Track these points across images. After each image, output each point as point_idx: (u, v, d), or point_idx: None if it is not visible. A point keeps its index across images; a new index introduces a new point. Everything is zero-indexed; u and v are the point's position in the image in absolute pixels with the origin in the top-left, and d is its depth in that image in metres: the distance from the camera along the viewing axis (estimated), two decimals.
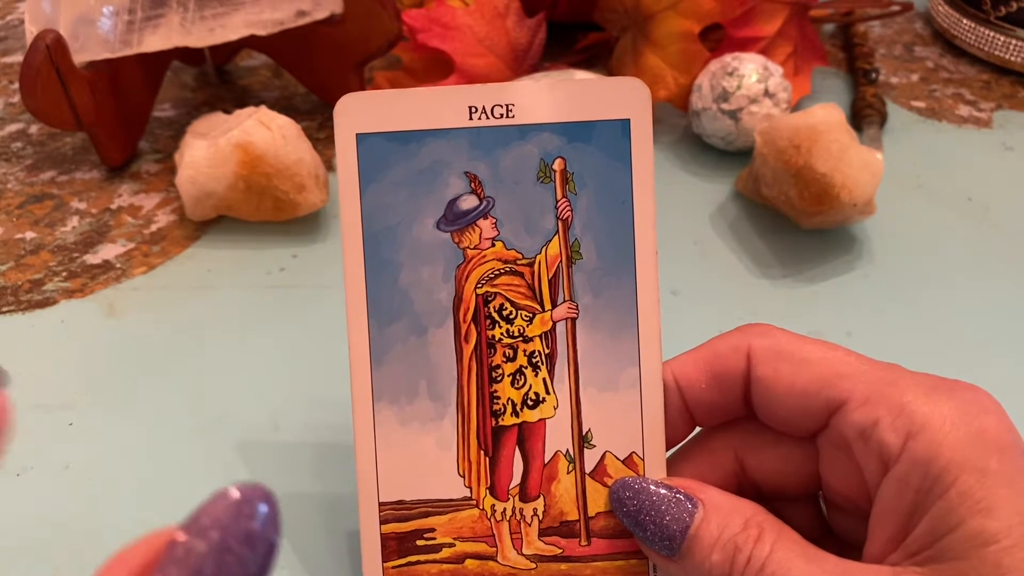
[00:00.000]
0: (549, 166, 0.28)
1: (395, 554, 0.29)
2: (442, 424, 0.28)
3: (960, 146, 0.50)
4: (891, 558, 0.24)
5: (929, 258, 0.44)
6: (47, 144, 0.51)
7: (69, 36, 0.44)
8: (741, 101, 0.46)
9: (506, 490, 0.29)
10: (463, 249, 0.28)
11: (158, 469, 0.35)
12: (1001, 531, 0.22)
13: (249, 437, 0.36)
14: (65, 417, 0.37)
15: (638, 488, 0.27)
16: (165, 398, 0.38)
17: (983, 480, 0.23)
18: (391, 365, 0.28)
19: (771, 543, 0.25)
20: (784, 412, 0.27)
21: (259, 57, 0.57)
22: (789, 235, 0.44)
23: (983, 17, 0.55)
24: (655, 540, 0.26)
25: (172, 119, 0.53)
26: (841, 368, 0.26)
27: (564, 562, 0.29)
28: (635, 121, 0.28)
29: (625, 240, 0.28)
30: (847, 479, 0.26)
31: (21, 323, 0.41)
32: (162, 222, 0.46)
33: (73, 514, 0.34)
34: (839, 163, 0.40)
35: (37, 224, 0.46)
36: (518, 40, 0.51)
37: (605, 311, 0.28)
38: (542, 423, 0.28)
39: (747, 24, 0.50)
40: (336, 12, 0.47)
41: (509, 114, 0.28)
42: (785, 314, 0.41)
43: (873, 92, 0.51)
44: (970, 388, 0.25)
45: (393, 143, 0.28)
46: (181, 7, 0.45)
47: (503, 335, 0.28)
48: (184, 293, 0.43)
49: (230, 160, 0.43)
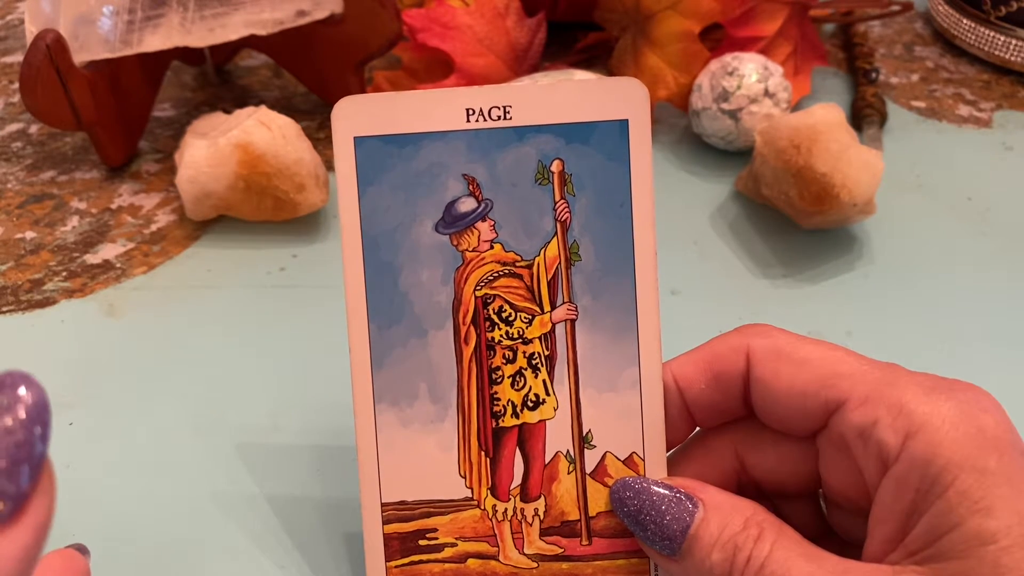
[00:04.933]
0: (547, 168, 0.28)
1: (398, 554, 0.29)
2: (443, 426, 0.28)
3: (960, 146, 0.50)
4: (891, 557, 0.24)
5: (929, 258, 0.44)
6: (47, 144, 0.51)
7: (69, 36, 0.44)
8: (741, 101, 0.46)
9: (507, 490, 0.29)
10: (462, 251, 0.28)
11: (158, 469, 0.35)
12: (1000, 531, 0.22)
13: (249, 437, 0.36)
14: (65, 417, 0.37)
15: (639, 488, 0.27)
16: (165, 398, 0.38)
17: (982, 480, 0.23)
18: (392, 368, 0.28)
19: (771, 542, 0.25)
20: (783, 412, 0.27)
21: (259, 57, 0.57)
22: (789, 235, 0.44)
23: (983, 17, 0.55)
24: (656, 540, 0.26)
25: (172, 119, 0.53)
26: (840, 368, 0.26)
27: (565, 561, 0.29)
28: (633, 121, 0.28)
29: (624, 241, 0.28)
30: (847, 478, 0.26)
31: (21, 323, 0.41)
32: (162, 222, 0.46)
33: (73, 514, 0.34)
34: (839, 163, 0.40)
35: (37, 224, 0.46)
36: (518, 40, 0.51)
37: (604, 312, 0.28)
38: (542, 424, 0.29)
39: (747, 24, 0.50)
40: (336, 12, 0.47)
41: (506, 116, 0.28)
42: (785, 314, 0.41)
43: (873, 92, 0.51)
44: (969, 388, 0.25)
45: (391, 146, 0.28)
46: (181, 7, 0.45)
47: (503, 337, 0.28)
48: (184, 293, 0.43)
49: (230, 160, 0.43)
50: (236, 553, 0.33)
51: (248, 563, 0.32)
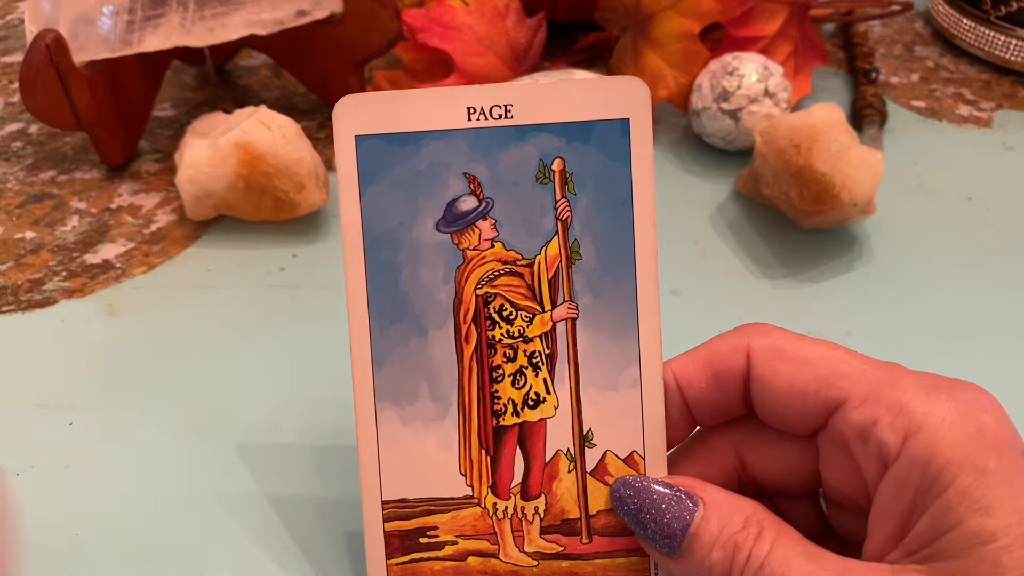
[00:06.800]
0: (548, 167, 0.28)
1: (399, 551, 0.29)
2: (443, 424, 0.28)
3: (960, 146, 0.50)
4: (890, 556, 0.24)
5: (929, 258, 0.44)
6: (47, 144, 0.52)
7: (69, 36, 0.44)
8: (741, 101, 0.46)
9: (507, 489, 0.29)
10: (463, 250, 0.28)
11: (158, 469, 0.35)
12: (999, 530, 0.22)
13: (249, 437, 0.36)
14: (65, 417, 0.37)
15: (639, 486, 0.27)
16: (165, 398, 0.38)
17: (982, 479, 0.23)
18: (392, 366, 0.28)
19: (771, 541, 0.25)
20: (783, 411, 0.27)
21: (259, 57, 0.57)
22: (789, 235, 0.44)
23: (983, 17, 0.55)
24: (656, 538, 0.26)
25: (172, 119, 0.53)
26: (840, 367, 0.26)
27: (566, 559, 0.29)
28: (635, 121, 0.28)
29: (625, 240, 0.28)
30: (847, 478, 0.26)
31: (21, 323, 0.41)
32: (162, 222, 0.46)
33: (73, 514, 0.34)
34: (839, 163, 0.40)
35: (37, 224, 0.46)
36: (518, 40, 0.51)
37: (605, 311, 0.28)
38: (543, 423, 0.29)
39: (747, 24, 0.50)
40: (336, 12, 0.47)
41: (508, 115, 0.28)
42: (785, 314, 0.41)
43: (873, 92, 0.51)
44: (969, 387, 0.25)
45: (392, 145, 0.28)
46: (181, 7, 0.45)
47: (503, 336, 0.28)
48: (184, 293, 0.43)
49: (230, 160, 0.43)
50: (237, 552, 0.33)
51: (249, 562, 0.32)
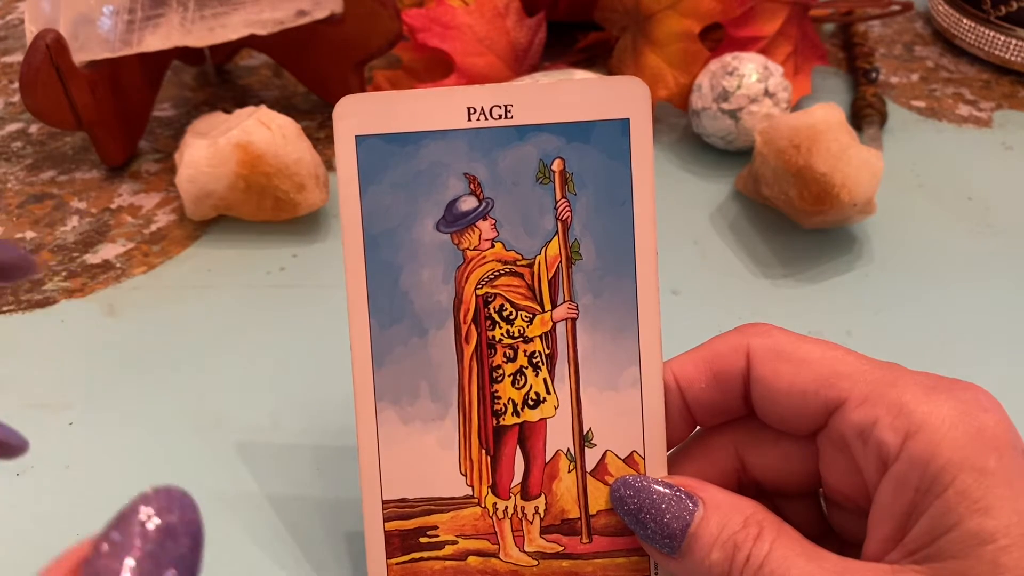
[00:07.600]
0: (548, 167, 0.28)
1: (399, 551, 0.29)
2: (444, 424, 0.28)
3: (960, 146, 0.50)
4: (890, 556, 0.24)
5: (929, 258, 0.44)
6: (47, 144, 0.52)
7: (69, 36, 0.44)
8: (741, 101, 0.46)
9: (507, 488, 0.29)
10: (463, 250, 0.28)
11: (158, 469, 0.35)
12: (999, 530, 0.22)
13: (249, 437, 0.36)
14: (65, 417, 0.37)
15: (639, 486, 0.27)
16: (165, 398, 0.38)
17: (981, 479, 0.23)
18: (393, 366, 0.28)
19: (770, 541, 0.25)
20: (783, 411, 0.27)
21: (259, 57, 0.57)
22: (789, 235, 0.44)
23: (983, 17, 0.55)
24: (656, 538, 0.26)
25: (172, 119, 0.53)
26: (840, 367, 0.26)
27: (566, 559, 0.29)
28: (635, 120, 0.28)
29: (625, 240, 0.28)
30: (847, 478, 0.26)
31: (21, 323, 0.41)
32: (162, 222, 0.46)
33: (73, 514, 0.34)
34: (839, 163, 0.40)
35: (37, 224, 0.46)
36: (518, 40, 0.51)
37: (605, 311, 0.28)
38: (543, 422, 0.29)
39: (747, 24, 0.50)
40: (336, 12, 0.47)
41: (508, 115, 0.28)
42: (785, 314, 0.41)
43: (873, 92, 0.51)
44: (969, 387, 0.25)
45: (392, 145, 0.28)
46: (181, 7, 0.45)
47: (503, 336, 0.28)
48: (184, 293, 0.43)
49: (230, 160, 0.43)
50: (237, 552, 0.33)
51: (249, 562, 0.32)
